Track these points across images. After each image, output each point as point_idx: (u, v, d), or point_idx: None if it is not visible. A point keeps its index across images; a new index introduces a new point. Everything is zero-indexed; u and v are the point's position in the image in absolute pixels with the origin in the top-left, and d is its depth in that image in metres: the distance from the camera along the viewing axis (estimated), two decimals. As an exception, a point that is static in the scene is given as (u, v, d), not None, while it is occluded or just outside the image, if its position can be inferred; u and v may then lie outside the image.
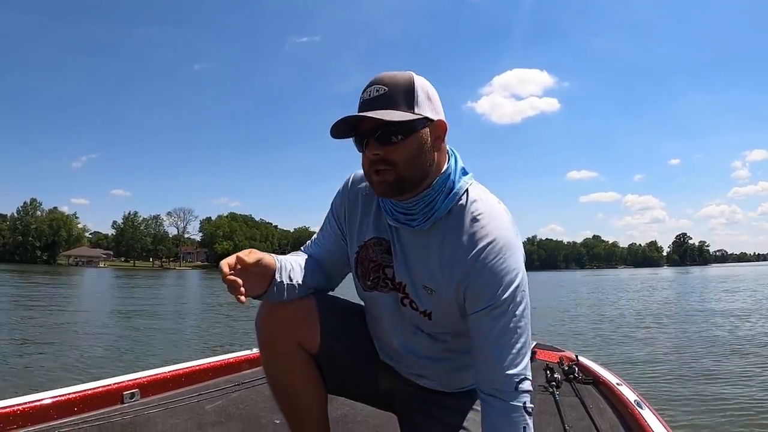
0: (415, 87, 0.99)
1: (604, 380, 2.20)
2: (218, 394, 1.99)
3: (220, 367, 2.23)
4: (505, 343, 0.98)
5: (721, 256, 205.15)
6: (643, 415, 1.71)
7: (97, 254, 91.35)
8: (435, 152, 1.02)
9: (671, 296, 20.58)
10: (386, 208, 1.10)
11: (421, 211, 1.03)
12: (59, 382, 4.27)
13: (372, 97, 0.98)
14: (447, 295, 1.03)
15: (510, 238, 1.01)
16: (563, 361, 2.48)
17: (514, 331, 0.98)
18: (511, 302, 0.98)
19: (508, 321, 0.98)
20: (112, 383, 1.81)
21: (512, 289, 0.98)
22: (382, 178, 1.00)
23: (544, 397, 2.05)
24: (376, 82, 0.99)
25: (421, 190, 1.03)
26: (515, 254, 1.01)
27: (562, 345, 3.18)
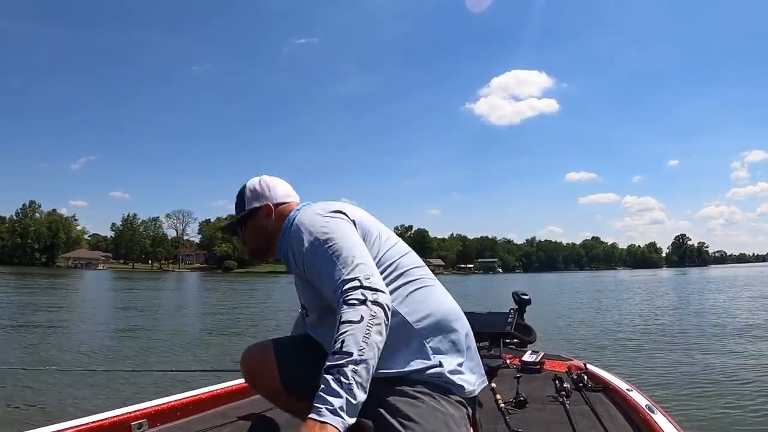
0: (245, 192, 1.48)
1: (614, 387, 2.19)
2: (226, 421, 1.96)
3: (228, 394, 2.20)
4: (326, 269, 1.17)
5: (720, 257, 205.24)
6: (655, 419, 1.69)
7: (96, 256, 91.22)
8: (269, 225, 1.44)
9: (673, 298, 20.56)
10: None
11: (283, 255, 1.40)
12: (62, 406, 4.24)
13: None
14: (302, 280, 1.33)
15: (302, 216, 1.31)
16: (572, 370, 2.46)
17: (325, 259, 1.18)
18: (313, 246, 1.22)
19: (317, 257, 1.20)
20: (119, 414, 1.78)
21: (306, 240, 1.24)
22: (246, 252, 1.53)
23: (554, 407, 2.03)
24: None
25: (275, 247, 1.43)
26: (308, 217, 1.29)
27: (570, 354, 3.16)
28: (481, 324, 2.99)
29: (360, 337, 1.01)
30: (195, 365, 6.30)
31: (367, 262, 1.15)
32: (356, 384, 0.97)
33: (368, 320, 1.03)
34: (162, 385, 5.07)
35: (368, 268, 1.13)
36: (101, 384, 5.52)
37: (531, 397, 2.11)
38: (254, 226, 1.46)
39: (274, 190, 1.47)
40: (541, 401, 2.11)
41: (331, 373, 0.98)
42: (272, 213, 1.44)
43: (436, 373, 1.19)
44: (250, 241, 1.48)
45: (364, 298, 1.06)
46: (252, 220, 1.46)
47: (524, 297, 3.16)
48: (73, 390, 5.48)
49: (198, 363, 6.61)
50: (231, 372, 2.43)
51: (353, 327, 1.02)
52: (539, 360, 2.68)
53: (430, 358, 1.20)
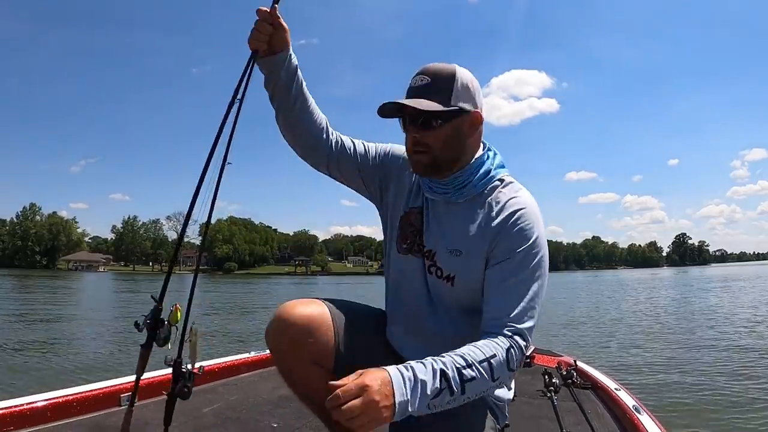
0: (456, 80, 1.11)
1: (603, 385, 2.20)
2: (216, 397, 1.98)
3: (218, 370, 2.23)
4: (511, 294, 1.05)
5: (720, 255, 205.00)
6: (641, 420, 1.70)
7: (96, 259, 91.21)
8: (468, 139, 1.15)
9: (671, 298, 20.53)
10: (424, 183, 1.23)
11: (455, 187, 1.16)
12: (55, 385, 4.27)
13: (416, 86, 1.12)
14: (476, 256, 1.12)
15: (538, 214, 1.13)
16: (561, 365, 2.48)
17: (522, 286, 1.06)
18: (526, 259, 1.07)
19: (519, 276, 1.07)
20: (108, 386, 1.80)
21: (530, 249, 1.08)
22: (418, 158, 1.14)
23: (542, 402, 2.05)
24: (422, 72, 1.12)
25: (455, 171, 1.16)
26: (540, 227, 1.12)
27: (560, 350, 3.17)
28: None
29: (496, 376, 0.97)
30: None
31: (535, 322, 1.06)
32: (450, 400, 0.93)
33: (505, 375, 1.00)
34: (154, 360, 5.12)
35: (532, 330, 1.06)
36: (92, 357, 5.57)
37: (520, 390, 2.11)
38: (455, 129, 1.12)
39: (481, 99, 1.17)
40: (530, 395, 2.13)
41: (451, 370, 0.93)
42: (479, 126, 1.16)
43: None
44: (440, 144, 1.12)
45: (519, 357, 1.02)
46: (455, 120, 1.12)
47: None
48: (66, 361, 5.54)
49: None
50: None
51: (497, 360, 0.98)
52: (529, 354, 2.70)
53: None
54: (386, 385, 0.87)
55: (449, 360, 0.94)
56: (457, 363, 0.94)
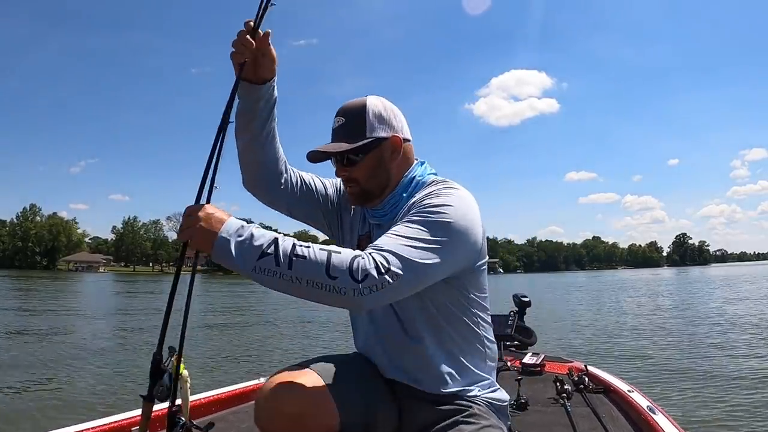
0: (367, 114, 1.17)
1: (615, 388, 2.18)
2: (227, 426, 1.96)
3: (230, 398, 2.20)
4: (391, 232, 1.01)
5: (721, 255, 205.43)
6: (656, 420, 1.68)
7: (96, 259, 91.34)
8: (392, 163, 1.20)
9: (674, 298, 20.54)
10: (366, 211, 1.28)
11: (390, 208, 1.20)
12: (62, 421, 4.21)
13: (335, 128, 1.20)
14: None
15: (459, 194, 1.11)
16: (573, 371, 2.46)
17: (406, 228, 1.01)
18: (419, 214, 1.04)
19: (404, 222, 1.04)
20: (120, 419, 1.77)
21: (430, 209, 1.04)
22: (350, 191, 1.22)
23: (555, 408, 2.02)
24: (338, 114, 1.20)
25: (386, 195, 1.20)
26: (455, 198, 1.08)
27: (570, 356, 3.15)
28: None
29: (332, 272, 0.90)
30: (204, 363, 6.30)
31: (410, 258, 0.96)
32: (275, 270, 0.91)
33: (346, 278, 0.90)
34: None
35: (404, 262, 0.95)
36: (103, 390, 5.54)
37: (532, 399, 2.10)
38: (376, 159, 1.17)
39: (400, 121, 1.22)
40: (542, 403, 2.11)
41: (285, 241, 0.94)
42: (400, 149, 1.19)
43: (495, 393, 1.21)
44: (366, 176, 1.17)
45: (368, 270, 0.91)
46: (374, 151, 1.16)
47: (524, 299, 3.16)
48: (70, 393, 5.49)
49: (204, 358, 6.61)
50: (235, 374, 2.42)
51: (340, 256, 0.92)
52: (540, 362, 2.68)
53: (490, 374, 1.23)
54: (218, 219, 0.95)
55: (292, 238, 0.96)
56: (296, 241, 0.95)
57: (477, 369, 1.20)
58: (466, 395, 1.17)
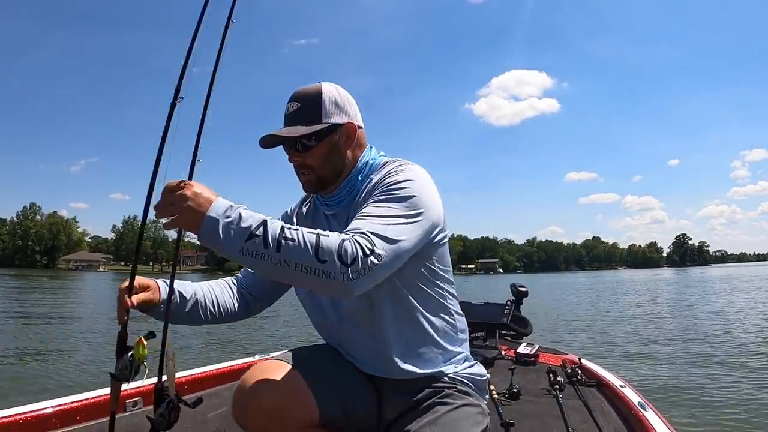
0: (322, 99, 1.16)
1: (608, 383, 2.19)
2: (220, 401, 1.97)
3: (223, 374, 2.21)
4: (366, 210, 1.02)
5: (721, 256, 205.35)
6: (647, 417, 1.69)
7: (96, 258, 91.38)
8: (347, 150, 1.19)
9: (672, 298, 20.55)
10: (319, 203, 1.27)
11: (346, 193, 1.19)
12: (59, 391, 4.25)
13: (288, 113, 1.17)
14: None
15: (416, 168, 1.13)
16: (566, 364, 2.47)
17: (380, 205, 1.02)
18: (389, 190, 1.05)
19: (376, 199, 1.04)
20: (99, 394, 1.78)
21: (397, 185, 1.06)
22: (304, 178, 1.20)
23: (547, 399, 2.04)
24: (292, 99, 1.17)
25: (342, 181, 1.20)
26: (414, 173, 1.10)
27: (564, 348, 3.16)
28: (478, 314, 3.00)
29: (321, 256, 0.88)
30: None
31: (389, 237, 0.96)
32: (263, 252, 0.88)
33: (333, 262, 0.88)
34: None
35: (384, 241, 0.95)
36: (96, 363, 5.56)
37: (525, 389, 2.11)
38: (331, 145, 1.16)
39: (354, 108, 1.22)
40: (535, 394, 2.12)
41: (273, 224, 0.91)
42: (354, 135, 1.19)
43: (474, 371, 1.23)
44: (320, 163, 1.17)
45: (354, 254, 0.90)
46: (329, 137, 1.16)
47: (522, 289, 3.16)
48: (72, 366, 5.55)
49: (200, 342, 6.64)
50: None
51: (328, 239, 0.90)
52: (534, 352, 2.69)
53: (466, 354, 1.25)
54: (206, 198, 0.91)
55: (279, 220, 0.94)
56: (285, 224, 0.92)
57: (450, 345, 1.20)
58: (442, 376, 1.18)
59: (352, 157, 1.20)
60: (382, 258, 0.93)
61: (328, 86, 1.18)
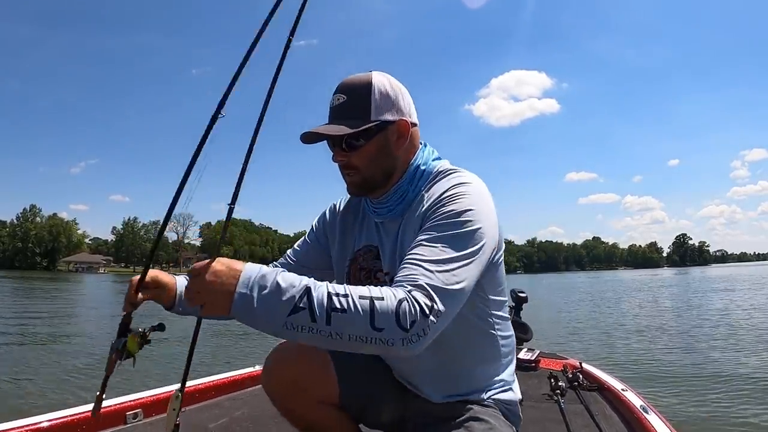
0: (372, 92, 1.04)
1: (609, 386, 2.20)
2: (221, 412, 1.98)
3: (224, 385, 2.22)
4: (422, 250, 0.91)
5: (721, 256, 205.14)
6: (649, 420, 1.69)
7: (96, 260, 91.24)
8: (399, 150, 1.08)
9: (672, 298, 20.51)
10: (369, 209, 1.17)
11: (396, 201, 1.10)
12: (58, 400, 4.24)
13: (334, 106, 1.06)
14: None
15: (478, 190, 1.02)
16: (567, 368, 2.48)
17: (438, 242, 0.92)
18: (448, 223, 0.95)
19: (435, 233, 0.94)
20: (114, 403, 1.79)
21: (456, 215, 0.96)
22: (350, 180, 1.09)
23: (548, 405, 2.04)
24: (338, 91, 1.06)
25: (391, 185, 1.10)
26: (476, 200, 0.99)
27: (565, 353, 3.17)
28: None
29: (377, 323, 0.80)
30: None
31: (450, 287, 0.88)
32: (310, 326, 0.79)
33: (392, 329, 0.80)
34: (158, 376, 5.10)
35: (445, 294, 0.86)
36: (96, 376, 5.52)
37: (526, 395, 2.11)
38: (380, 144, 1.06)
39: (407, 101, 1.10)
40: (536, 399, 2.13)
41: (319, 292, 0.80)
42: (407, 135, 1.08)
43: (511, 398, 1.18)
44: (367, 163, 1.06)
45: (415, 315, 0.82)
46: (378, 135, 1.05)
47: (521, 295, 3.17)
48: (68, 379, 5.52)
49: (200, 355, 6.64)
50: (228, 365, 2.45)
51: (384, 303, 0.80)
52: (535, 358, 2.70)
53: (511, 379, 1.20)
54: (231, 272, 0.79)
55: (325, 283, 0.82)
56: (332, 288, 0.81)
57: (490, 371, 1.16)
58: (474, 400, 1.13)
59: (404, 158, 1.10)
60: (441, 314, 0.85)
61: (380, 76, 1.06)
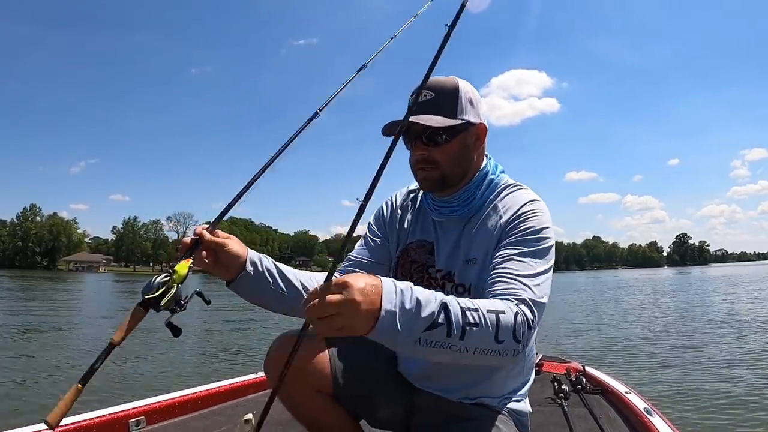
0: (459, 93, 1.09)
1: (613, 389, 2.18)
2: (225, 419, 1.96)
3: (227, 392, 2.20)
4: (518, 265, 0.97)
5: (721, 255, 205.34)
6: (653, 422, 1.68)
7: (97, 259, 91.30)
8: (474, 152, 1.13)
9: (673, 298, 20.50)
10: (429, 206, 1.19)
11: (462, 203, 1.13)
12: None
13: (421, 101, 1.07)
14: (488, 256, 1.07)
15: (545, 208, 1.10)
16: (570, 372, 2.46)
17: (530, 258, 0.98)
18: (533, 239, 1.02)
19: (526, 248, 1.00)
20: (117, 411, 1.78)
21: (538, 231, 1.03)
22: (426, 174, 1.11)
23: (552, 408, 2.03)
24: (424, 88, 1.07)
25: (462, 186, 1.13)
26: (547, 219, 1.07)
27: (567, 356, 3.15)
28: None
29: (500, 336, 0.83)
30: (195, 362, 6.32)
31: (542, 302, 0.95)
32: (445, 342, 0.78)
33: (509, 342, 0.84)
34: (160, 383, 5.09)
35: (541, 309, 0.94)
36: (98, 382, 5.48)
37: (529, 399, 2.11)
38: (461, 144, 1.10)
39: (485, 109, 1.15)
40: (540, 403, 2.11)
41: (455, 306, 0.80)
42: (484, 138, 1.14)
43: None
44: (449, 161, 1.09)
45: (525, 329, 0.87)
46: (461, 135, 1.09)
47: None
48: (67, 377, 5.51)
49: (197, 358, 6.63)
50: (227, 371, 2.43)
51: (506, 317, 0.84)
52: (537, 362, 2.68)
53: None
54: (374, 288, 0.74)
55: (453, 297, 0.82)
56: (463, 302, 0.81)
57: (509, 380, 1.17)
58: (488, 403, 1.14)
59: (477, 162, 1.14)
60: (536, 325, 0.91)
61: (463, 82, 1.12)
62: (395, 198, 1.30)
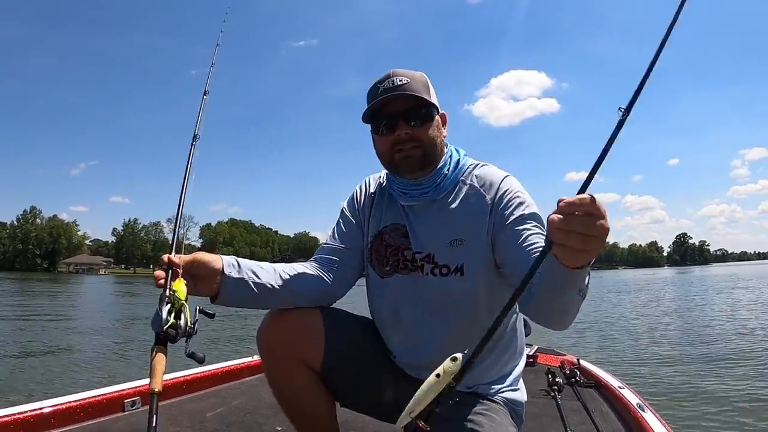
0: (427, 81, 1.15)
1: (606, 384, 2.19)
2: (219, 401, 1.98)
3: (221, 375, 2.23)
4: (538, 236, 1.02)
5: (721, 255, 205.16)
6: (645, 418, 1.69)
7: (97, 261, 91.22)
8: (441, 137, 1.18)
9: (673, 297, 20.50)
10: (396, 192, 1.20)
11: (432, 185, 1.15)
12: (59, 391, 4.25)
13: (396, 85, 1.10)
14: (479, 237, 1.10)
15: (517, 180, 1.16)
16: (565, 365, 2.47)
17: (540, 229, 1.04)
18: (534, 217, 1.07)
19: (537, 230, 1.04)
20: (112, 391, 1.80)
21: (533, 208, 1.09)
22: (409, 153, 1.12)
23: (545, 401, 2.04)
24: (395, 75, 1.11)
25: (434, 168, 1.16)
26: (526, 192, 1.14)
27: (563, 349, 3.16)
28: None
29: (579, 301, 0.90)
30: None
31: None
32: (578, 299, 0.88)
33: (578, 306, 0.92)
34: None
35: None
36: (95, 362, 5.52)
37: None
38: (436, 125, 1.15)
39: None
40: (533, 395, 2.12)
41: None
42: (445, 126, 1.21)
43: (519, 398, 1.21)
44: (431, 139, 1.13)
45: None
46: (434, 117, 1.15)
47: None
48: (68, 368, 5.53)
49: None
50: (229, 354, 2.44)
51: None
52: (533, 353, 2.69)
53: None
54: None
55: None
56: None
57: (505, 368, 1.19)
58: (481, 393, 1.14)
59: (442, 146, 1.19)
60: None
61: (421, 74, 1.16)
62: (368, 182, 1.32)
